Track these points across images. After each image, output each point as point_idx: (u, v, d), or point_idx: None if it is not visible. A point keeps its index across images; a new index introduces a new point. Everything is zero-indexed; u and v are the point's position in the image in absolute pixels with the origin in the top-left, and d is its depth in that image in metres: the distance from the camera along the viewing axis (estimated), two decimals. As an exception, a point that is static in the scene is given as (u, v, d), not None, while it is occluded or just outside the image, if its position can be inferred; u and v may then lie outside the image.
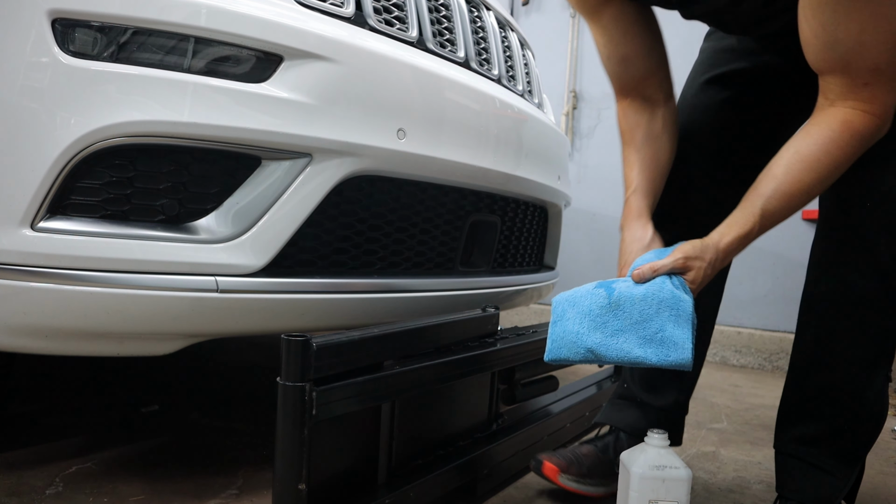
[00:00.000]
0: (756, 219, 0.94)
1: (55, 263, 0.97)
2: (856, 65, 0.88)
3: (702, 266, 0.93)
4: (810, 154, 0.93)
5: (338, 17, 1.19)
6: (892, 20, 0.84)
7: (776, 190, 0.94)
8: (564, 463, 1.24)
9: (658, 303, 0.90)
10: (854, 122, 0.91)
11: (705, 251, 0.94)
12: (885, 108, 0.90)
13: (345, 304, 1.25)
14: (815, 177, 0.93)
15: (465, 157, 1.37)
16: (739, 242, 0.94)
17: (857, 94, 0.90)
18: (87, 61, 0.96)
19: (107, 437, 1.43)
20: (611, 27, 1.13)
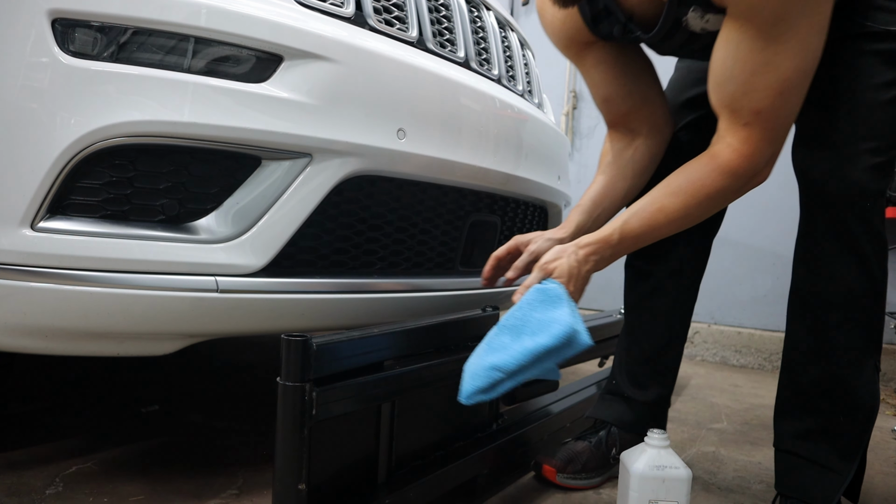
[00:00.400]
0: (615, 231, 1.03)
1: (55, 263, 0.97)
2: (740, 103, 0.95)
3: (561, 263, 1.00)
4: (675, 182, 1.01)
5: (338, 17, 1.19)
6: (781, 71, 0.91)
7: (639, 209, 1.03)
8: (561, 463, 1.30)
9: (529, 304, 0.96)
10: (721, 157, 0.98)
11: (563, 251, 1.02)
12: (756, 150, 0.96)
13: (345, 304, 1.25)
14: (676, 202, 1.01)
15: (465, 157, 1.37)
16: (600, 244, 1.03)
17: (736, 132, 0.97)
18: (87, 61, 0.96)
19: (107, 437, 1.43)
20: (593, 71, 1.23)
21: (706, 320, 3.17)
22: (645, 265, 1.35)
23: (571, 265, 1.00)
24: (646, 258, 1.33)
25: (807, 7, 0.88)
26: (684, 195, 1.00)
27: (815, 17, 0.90)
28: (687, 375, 2.69)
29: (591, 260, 1.03)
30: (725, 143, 0.99)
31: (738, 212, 3.05)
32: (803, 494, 1.09)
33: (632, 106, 1.23)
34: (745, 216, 3.06)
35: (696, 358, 3.14)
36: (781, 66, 0.90)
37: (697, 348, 3.15)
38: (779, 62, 0.90)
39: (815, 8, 0.89)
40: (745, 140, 0.97)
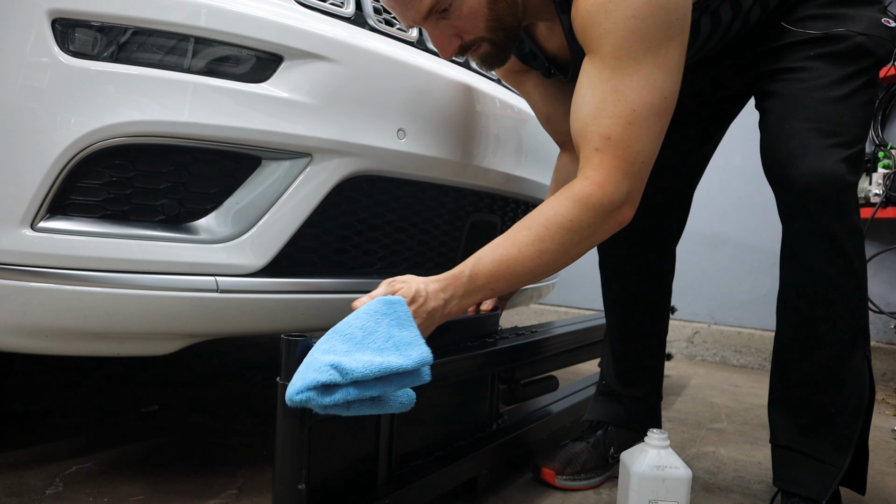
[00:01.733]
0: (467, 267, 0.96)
1: (55, 263, 0.97)
2: (591, 128, 0.96)
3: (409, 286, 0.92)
4: (531, 215, 0.98)
5: (338, 17, 1.19)
6: (628, 101, 0.94)
7: (493, 245, 0.97)
8: (560, 465, 1.31)
9: (372, 314, 0.85)
10: (574, 186, 0.97)
11: (411, 279, 0.94)
12: (607, 177, 0.95)
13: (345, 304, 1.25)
14: (528, 235, 0.95)
15: (465, 157, 1.38)
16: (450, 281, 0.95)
17: (589, 160, 0.97)
18: (87, 61, 0.96)
19: (107, 437, 1.43)
20: (533, 93, 1.28)
21: (706, 320, 3.17)
22: (617, 265, 1.39)
23: (418, 290, 0.92)
24: (616, 258, 1.38)
25: (651, 44, 0.93)
26: (537, 226, 0.96)
27: (662, 56, 0.94)
28: (687, 375, 2.69)
29: (440, 297, 0.94)
30: (581, 174, 0.98)
31: (738, 212, 3.07)
32: (800, 488, 1.11)
33: None
34: (745, 216, 3.06)
35: (696, 358, 3.14)
36: (629, 96, 0.94)
37: (697, 348, 3.15)
38: (625, 91, 0.94)
39: (660, 47, 0.94)
40: (596, 167, 0.96)
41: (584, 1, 0.94)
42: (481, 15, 1.00)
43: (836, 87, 1.05)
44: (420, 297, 0.92)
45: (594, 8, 0.93)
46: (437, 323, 0.95)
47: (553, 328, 1.61)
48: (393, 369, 0.79)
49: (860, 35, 1.06)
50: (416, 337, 0.85)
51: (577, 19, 0.96)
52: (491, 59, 1.08)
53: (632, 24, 0.92)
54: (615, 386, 1.41)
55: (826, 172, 1.01)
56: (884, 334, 2.73)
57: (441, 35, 1.03)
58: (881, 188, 2.51)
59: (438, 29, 1.02)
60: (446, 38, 1.03)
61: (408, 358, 0.81)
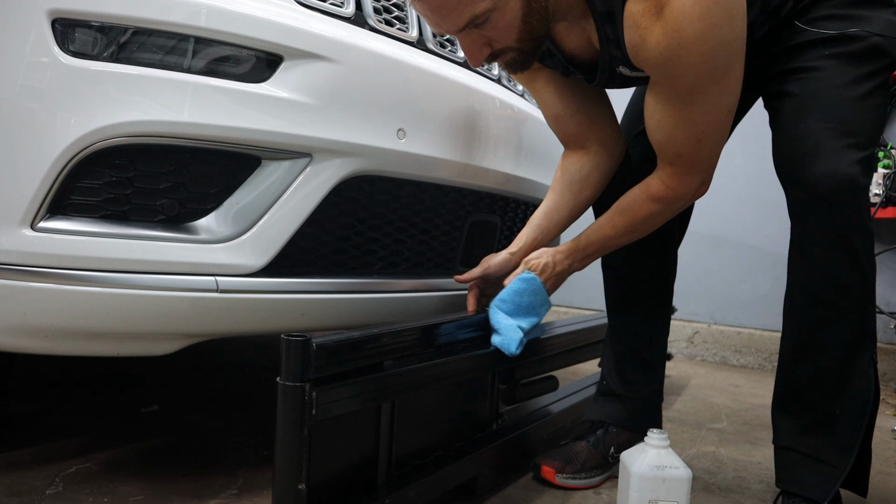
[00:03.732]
0: (582, 239, 1.23)
1: (55, 263, 0.97)
2: (665, 148, 1.10)
3: (541, 260, 1.22)
4: (622, 202, 1.20)
5: (338, 17, 1.19)
6: (697, 127, 1.05)
7: (598, 224, 1.23)
8: (560, 463, 1.31)
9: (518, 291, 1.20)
10: (651, 187, 1.16)
11: (544, 252, 1.23)
12: (679, 183, 1.13)
13: (345, 304, 1.25)
14: (622, 220, 1.20)
15: (465, 157, 1.37)
16: (570, 250, 1.23)
17: (665, 169, 1.13)
18: (87, 61, 0.96)
19: (107, 437, 1.43)
20: (542, 91, 1.30)
21: (706, 320, 3.17)
22: (620, 266, 1.40)
23: (547, 262, 1.21)
24: (620, 259, 1.38)
25: (717, 77, 0.99)
26: (628, 215, 1.19)
27: (724, 82, 1.00)
28: (687, 375, 2.69)
29: (564, 263, 1.22)
30: (657, 175, 1.15)
31: (738, 212, 3.07)
32: (802, 489, 1.11)
33: (581, 124, 1.29)
34: (745, 216, 3.06)
35: (696, 358, 3.14)
36: (698, 122, 1.04)
37: (697, 348, 3.15)
38: (695, 118, 1.04)
39: (724, 76, 1.00)
40: (670, 175, 1.12)
41: (652, 40, 0.95)
42: (515, 27, 1.00)
43: (852, 87, 1.05)
44: (549, 267, 1.21)
45: (667, 52, 0.95)
46: (566, 276, 1.25)
47: (553, 328, 1.61)
48: (536, 322, 1.23)
49: (876, 36, 1.06)
50: (545, 300, 1.23)
51: (643, 54, 0.98)
52: (517, 65, 1.08)
53: (702, 68, 0.97)
54: (616, 386, 1.41)
55: (841, 174, 1.01)
56: (884, 334, 2.73)
57: (472, 44, 1.03)
58: (881, 188, 2.51)
59: (470, 38, 1.02)
60: (477, 48, 1.03)
61: (540, 315, 1.23)
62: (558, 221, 1.30)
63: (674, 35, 0.93)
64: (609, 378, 1.43)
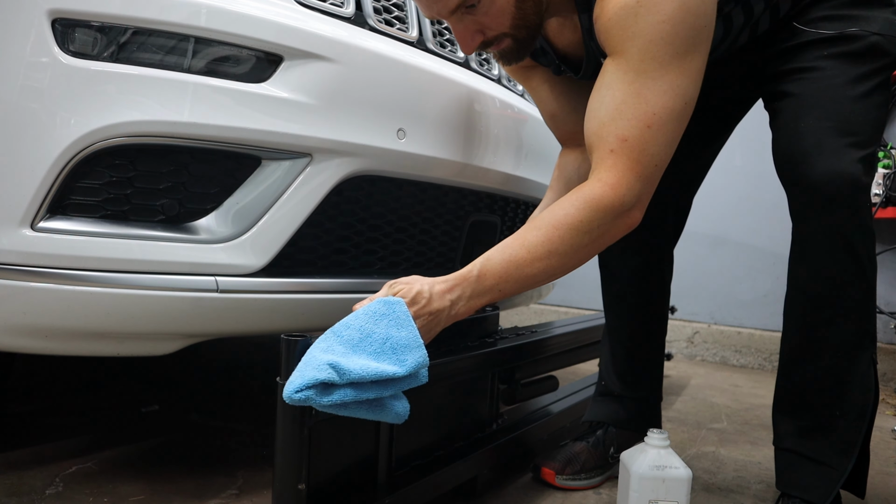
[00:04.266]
0: (475, 267, 0.95)
1: (55, 263, 0.97)
2: (608, 129, 0.95)
3: (412, 286, 0.91)
4: (540, 216, 0.97)
5: (338, 17, 1.19)
6: (649, 105, 0.93)
7: (503, 245, 0.97)
8: (560, 465, 1.31)
9: (371, 315, 0.85)
10: (586, 188, 0.96)
11: (414, 280, 0.92)
12: (620, 179, 0.95)
13: (345, 305, 1.25)
14: (538, 235, 0.94)
15: (465, 157, 1.37)
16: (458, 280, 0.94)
17: (603, 161, 0.96)
18: (87, 61, 0.96)
19: (107, 437, 1.43)
20: (539, 89, 1.27)
21: (706, 320, 3.17)
22: (615, 266, 1.40)
23: (421, 291, 0.90)
24: (615, 258, 1.38)
25: (679, 50, 0.93)
26: (546, 227, 0.95)
27: (687, 62, 0.94)
28: (687, 375, 2.69)
29: (446, 298, 0.92)
30: (593, 176, 0.97)
31: (738, 212, 3.07)
32: (802, 492, 1.10)
33: (577, 122, 1.26)
34: (745, 216, 3.06)
35: (696, 358, 3.14)
36: (651, 100, 0.94)
37: (697, 348, 3.15)
38: (647, 95, 0.93)
39: (686, 52, 0.94)
40: (610, 168, 0.95)
41: (611, 2, 0.93)
42: (508, 13, 0.99)
43: (852, 86, 1.05)
44: (422, 299, 0.90)
45: (623, 11, 0.91)
46: (443, 324, 0.93)
47: (553, 328, 1.61)
48: (388, 375, 0.80)
49: (875, 35, 1.06)
50: (413, 338, 0.84)
51: (602, 20, 0.95)
52: (511, 54, 1.07)
53: (662, 29, 0.91)
54: (615, 386, 1.41)
55: (842, 172, 1.00)
56: (884, 334, 2.73)
57: (465, 30, 1.02)
58: (881, 188, 2.51)
59: (463, 24, 1.01)
60: (469, 34, 1.02)
61: (403, 364, 0.81)
62: None
63: None
64: (607, 378, 1.43)
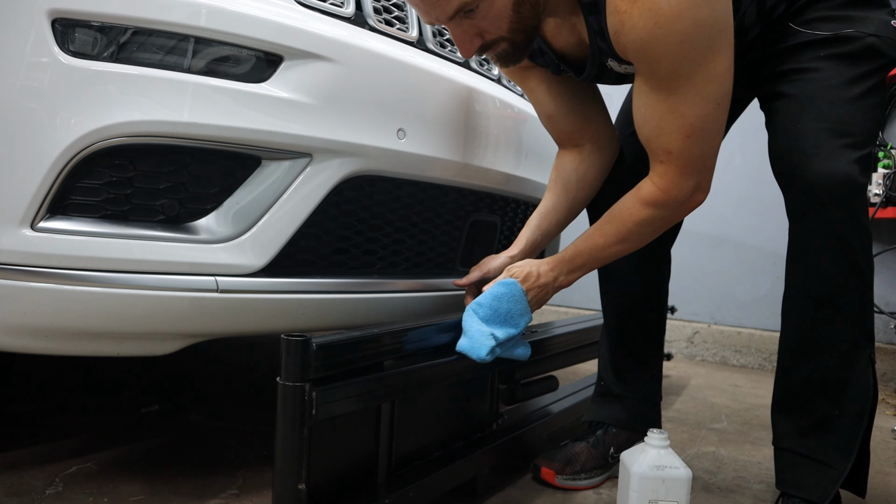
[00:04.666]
0: (568, 250, 1.16)
1: (55, 263, 0.97)
2: (654, 144, 1.06)
3: (523, 268, 1.14)
4: (613, 209, 1.14)
5: (338, 17, 1.19)
6: (685, 118, 1.00)
7: (586, 234, 1.17)
8: (559, 465, 1.31)
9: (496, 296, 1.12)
10: (643, 190, 1.10)
11: (529, 263, 1.16)
12: (671, 184, 1.06)
13: (345, 304, 1.25)
14: (611, 228, 1.13)
15: (465, 157, 1.37)
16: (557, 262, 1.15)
17: (656, 168, 1.08)
18: (87, 61, 0.96)
19: (107, 437, 1.43)
20: (536, 90, 1.29)
21: (706, 320, 3.17)
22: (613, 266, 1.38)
23: (530, 272, 1.14)
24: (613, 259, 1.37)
25: (700, 61, 0.96)
26: (617, 222, 1.12)
27: (710, 69, 0.97)
28: (687, 375, 2.69)
29: (549, 275, 1.14)
30: (649, 177, 1.09)
31: (738, 212, 3.07)
32: (802, 491, 1.11)
33: (575, 123, 1.28)
34: (745, 216, 3.06)
35: (696, 358, 3.14)
36: (685, 113, 1.00)
37: (697, 348, 3.15)
38: (681, 110, 1.00)
39: (707, 61, 0.96)
40: (661, 175, 1.07)
41: (629, 23, 0.94)
42: (506, 17, 1.00)
43: (848, 87, 1.05)
44: (532, 277, 1.14)
45: (645, 34, 0.93)
46: (551, 294, 1.17)
47: (553, 328, 1.61)
48: (513, 334, 1.12)
49: (870, 36, 1.06)
50: (525, 308, 1.13)
51: (624, 39, 0.96)
52: (508, 57, 1.08)
53: (681, 49, 0.94)
54: (613, 386, 1.41)
55: (839, 173, 1.00)
56: (884, 334, 2.73)
57: (463, 34, 1.02)
58: (881, 188, 2.51)
59: (461, 28, 1.02)
60: (468, 38, 1.03)
61: (519, 326, 1.13)
62: (557, 222, 1.30)
63: (650, 14, 0.91)
64: (606, 378, 1.43)
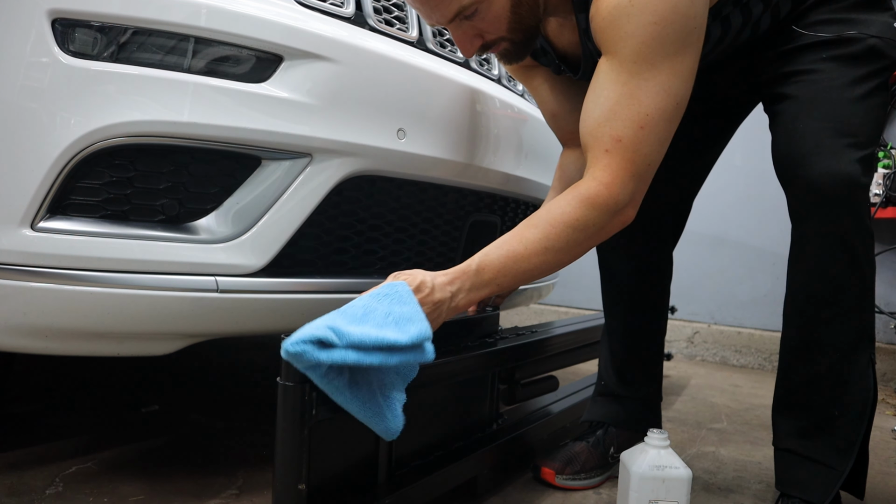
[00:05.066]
0: (474, 261, 0.97)
1: (55, 263, 0.97)
2: (603, 129, 0.98)
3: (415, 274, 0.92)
4: (538, 214, 1.00)
5: (338, 17, 1.19)
6: (643, 105, 0.95)
7: (501, 241, 0.99)
8: (560, 465, 1.31)
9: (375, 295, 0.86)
10: (581, 186, 0.99)
11: (417, 272, 0.93)
12: (615, 178, 0.97)
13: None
14: (535, 233, 0.97)
15: (465, 157, 1.37)
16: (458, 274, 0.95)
17: (598, 160, 0.98)
18: (87, 61, 0.96)
19: (107, 437, 1.43)
20: (540, 88, 1.27)
21: (706, 320, 3.17)
22: (616, 266, 1.39)
23: (424, 280, 0.91)
24: (615, 259, 1.38)
25: (669, 51, 0.94)
26: (544, 225, 0.98)
27: (678, 63, 0.96)
28: (687, 375, 2.69)
29: (447, 290, 0.93)
30: (588, 174, 1.00)
31: (739, 212, 3.07)
32: (801, 492, 1.11)
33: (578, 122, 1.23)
34: (745, 216, 3.06)
35: (696, 358, 3.14)
36: (643, 101, 0.96)
37: (697, 348, 3.15)
38: (640, 96, 0.96)
39: (676, 53, 0.95)
40: (605, 167, 0.98)
41: (605, 2, 0.94)
42: (504, 17, 1.01)
43: (850, 87, 1.06)
44: (426, 287, 0.91)
45: (616, 11, 0.93)
46: (444, 316, 0.94)
47: (553, 328, 1.61)
48: (389, 342, 0.78)
49: (873, 38, 1.07)
50: (416, 312, 0.84)
51: (597, 20, 0.96)
52: (510, 55, 1.09)
53: (653, 31, 0.92)
54: (614, 386, 1.41)
55: (841, 172, 1.01)
56: (884, 334, 2.73)
57: (463, 35, 1.04)
58: (881, 188, 2.51)
59: (461, 30, 1.03)
60: (468, 38, 1.04)
61: (405, 332, 0.81)
62: None
63: None
64: (606, 378, 1.43)
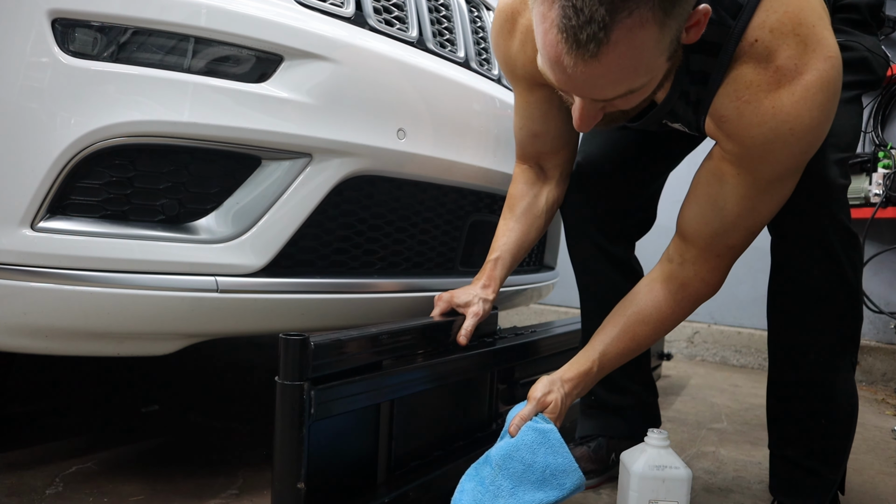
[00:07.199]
0: (594, 362, 1.07)
1: (55, 263, 0.97)
2: (721, 239, 1.00)
3: (557, 397, 1.03)
4: (647, 313, 1.07)
5: (338, 17, 1.19)
6: (760, 215, 0.98)
7: (614, 338, 1.08)
8: None
9: (529, 447, 0.97)
10: (691, 288, 1.06)
11: (553, 384, 1.04)
12: (721, 278, 1.05)
13: (345, 304, 1.25)
14: (647, 330, 1.08)
15: (465, 157, 1.37)
16: (581, 378, 1.06)
17: (708, 262, 1.03)
18: (87, 61, 0.96)
19: (107, 437, 1.43)
20: (534, 106, 1.21)
21: (706, 320, 3.17)
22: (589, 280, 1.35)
23: (559, 400, 1.03)
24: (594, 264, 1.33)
25: (798, 168, 0.94)
26: (654, 323, 1.07)
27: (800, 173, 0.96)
28: (687, 375, 2.69)
29: (573, 394, 1.06)
30: (693, 271, 1.04)
31: (739, 212, 3.07)
32: (793, 499, 1.11)
33: (553, 147, 1.23)
34: (745, 216, 3.06)
35: (696, 358, 3.14)
36: (762, 212, 0.98)
37: (697, 348, 3.14)
38: (761, 209, 0.97)
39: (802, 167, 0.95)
40: (713, 269, 1.03)
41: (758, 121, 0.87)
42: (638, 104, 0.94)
43: None
44: (561, 406, 1.03)
45: (773, 135, 0.87)
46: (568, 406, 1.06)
47: (553, 328, 1.61)
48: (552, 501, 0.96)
49: (867, 51, 1.09)
50: (569, 463, 0.97)
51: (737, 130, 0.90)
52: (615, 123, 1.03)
53: (800, 159, 0.92)
54: (605, 397, 1.35)
55: (818, 174, 0.99)
56: (884, 334, 2.73)
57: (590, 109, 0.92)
58: (881, 188, 2.51)
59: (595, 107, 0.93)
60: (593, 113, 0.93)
61: (563, 488, 0.97)
62: (523, 255, 1.27)
63: (787, 119, 0.85)
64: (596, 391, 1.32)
